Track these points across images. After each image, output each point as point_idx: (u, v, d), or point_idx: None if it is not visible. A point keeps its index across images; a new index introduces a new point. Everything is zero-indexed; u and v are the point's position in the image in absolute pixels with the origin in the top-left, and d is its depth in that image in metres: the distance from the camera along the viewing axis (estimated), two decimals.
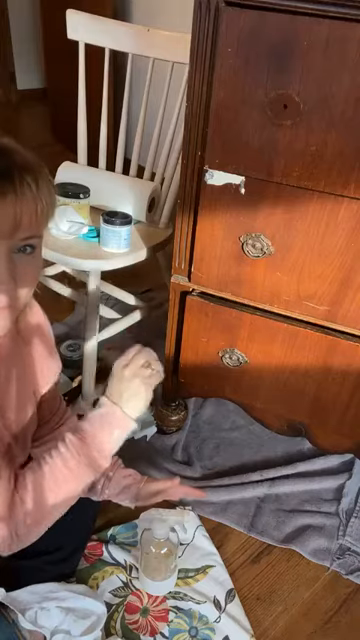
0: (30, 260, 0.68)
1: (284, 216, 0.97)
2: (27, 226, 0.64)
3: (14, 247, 0.65)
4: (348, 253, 0.96)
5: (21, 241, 0.65)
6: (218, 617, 1.07)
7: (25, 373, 0.85)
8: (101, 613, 0.96)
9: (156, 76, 1.40)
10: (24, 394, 0.85)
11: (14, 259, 0.65)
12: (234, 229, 1.02)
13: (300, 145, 0.89)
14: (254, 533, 1.24)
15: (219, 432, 1.49)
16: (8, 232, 0.62)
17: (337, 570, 1.18)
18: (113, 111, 1.97)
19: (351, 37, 0.78)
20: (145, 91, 1.43)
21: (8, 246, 0.64)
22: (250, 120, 0.90)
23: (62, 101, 2.85)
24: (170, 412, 1.41)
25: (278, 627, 1.08)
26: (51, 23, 2.73)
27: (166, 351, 1.27)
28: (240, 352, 1.16)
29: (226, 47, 0.86)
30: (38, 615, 0.91)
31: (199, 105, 0.94)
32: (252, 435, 1.48)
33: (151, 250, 1.37)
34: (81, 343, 1.65)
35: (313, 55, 0.81)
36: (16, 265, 0.66)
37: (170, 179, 1.42)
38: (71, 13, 1.40)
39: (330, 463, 1.39)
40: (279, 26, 0.82)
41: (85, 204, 1.35)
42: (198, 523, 1.23)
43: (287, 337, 1.10)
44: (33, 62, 3.73)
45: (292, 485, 1.33)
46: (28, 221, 0.64)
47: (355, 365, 1.07)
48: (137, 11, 2.41)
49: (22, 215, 0.63)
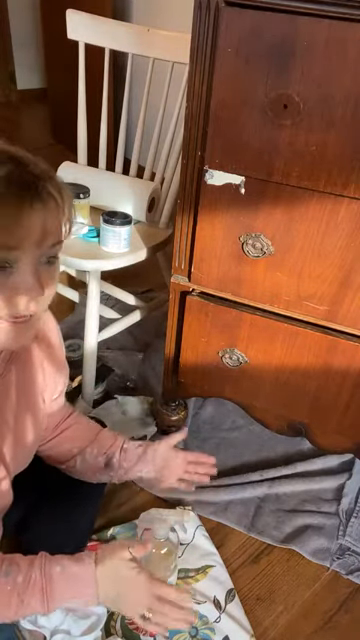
0: (54, 269, 0.69)
1: (284, 216, 0.97)
2: (53, 236, 0.65)
3: (42, 257, 0.66)
4: (348, 253, 0.96)
5: (48, 249, 0.65)
6: (218, 617, 1.07)
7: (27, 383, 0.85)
8: (101, 613, 0.97)
9: (156, 76, 1.40)
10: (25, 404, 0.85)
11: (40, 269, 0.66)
12: (234, 229, 1.02)
13: (300, 145, 0.89)
14: (254, 533, 1.24)
15: (219, 432, 1.49)
16: (37, 241, 0.63)
17: (337, 570, 1.18)
18: (113, 111, 1.98)
19: (351, 37, 0.78)
20: (145, 91, 1.43)
21: (36, 255, 0.64)
22: (250, 120, 0.90)
23: (62, 101, 2.85)
24: (170, 412, 1.41)
25: (278, 627, 1.08)
26: (51, 23, 2.73)
27: (166, 351, 1.27)
28: (240, 352, 1.16)
29: (226, 47, 0.86)
30: (38, 615, 0.91)
31: (199, 105, 0.94)
32: (252, 435, 1.48)
33: (151, 250, 1.37)
34: (81, 343, 1.65)
35: (313, 55, 0.81)
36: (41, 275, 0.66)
37: (170, 179, 1.42)
38: (71, 13, 1.40)
39: (330, 463, 1.39)
40: (279, 26, 0.82)
41: (85, 204, 1.35)
42: (198, 523, 1.23)
43: (287, 337, 1.10)
44: (33, 62, 3.73)
45: (292, 485, 1.33)
46: (54, 231, 0.65)
47: (355, 365, 1.07)
48: (137, 11, 2.41)
49: (49, 225, 0.63)
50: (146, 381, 1.62)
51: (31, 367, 0.85)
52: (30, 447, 0.88)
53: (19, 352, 0.81)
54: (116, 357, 1.69)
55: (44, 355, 0.87)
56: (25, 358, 0.84)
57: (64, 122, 2.83)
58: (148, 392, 1.57)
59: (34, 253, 0.64)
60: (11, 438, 0.81)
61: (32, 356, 0.85)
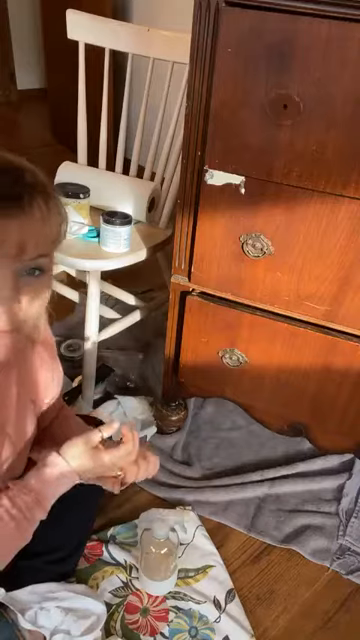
0: (39, 281, 0.67)
1: (284, 216, 0.97)
2: (34, 247, 0.63)
3: (21, 270, 0.64)
4: (348, 253, 0.96)
5: (28, 262, 0.64)
6: (218, 617, 1.07)
7: (26, 381, 0.85)
8: (101, 613, 0.97)
9: (156, 76, 1.40)
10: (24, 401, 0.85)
11: (21, 280, 0.64)
12: (234, 229, 1.02)
13: (300, 145, 0.89)
14: (254, 533, 1.24)
15: (219, 432, 1.49)
16: (13, 254, 0.61)
17: (337, 570, 1.18)
18: (113, 111, 1.97)
19: (351, 37, 0.78)
20: (145, 91, 1.43)
21: (14, 268, 0.63)
22: (250, 120, 0.90)
23: (62, 101, 2.85)
24: (170, 412, 1.41)
25: (278, 627, 1.08)
26: (51, 23, 2.73)
27: (166, 351, 1.27)
28: (240, 352, 1.16)
29: (226, 47, 0.86)
30: (38, 615, 0.91)
31: (199, 105, 0.94)
32: (252, 435, 1.48)
33: (151, 250, 1.37)
34: (81, 343, 1.65)
35: (313, 55, 0.81)
36: (22, 286, 0.65)
37: (170, 179, 1.42)
38: (71, 13, 1.40)
39: (330, 463, 1.39)
40: (279, 26, 0.81)
41: (85, 204, 1.35)
42: (198, 523, 1.23)
43: (287, 337, 1.10)
44: (33, 62, 3.74)
45: (292, 485, 1.33)
46: (34, 244, 0.63)
47: (355, 365, 1.07)
48: (137, 11, 2.41)
49: (28, 238, 0.61)
50: (146, 381, 1.62)
51: (31, 367, 0.85)
52: (28, 447, 0.88)
53: (19, 351, 0.81)
54: (116, 357, 1.69)
55: (43, 353, 0.87)
56: (25, 358, 0.84)
57: (64, 122, 2.83)
58: (148, 392, 1.57)
59: (12, 266, 0.62)
60: (9, 439, 0.81)
61: (32, 354, 0.85)
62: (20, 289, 0.64)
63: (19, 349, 0.80)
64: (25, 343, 0.83)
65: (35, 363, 0.86)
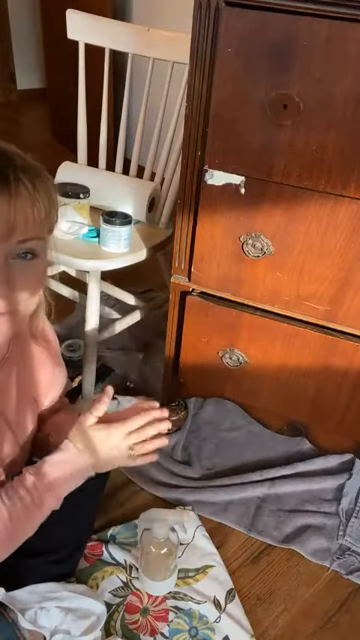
0: (31, 265, 0.67)
1: (284, 216, 0.97)
2: (23, 228, 0.63)
3: (12, 252, 0.64)
4: (348, 253, 0.96)
5: (18, 245, 0.64)
6: (218, 617, 1.07)
7: (26, 378, 0.85)
8: (101, 613, 0.96)
9: (156, 76, 1.40)
10: (24, 398, 0.85)
11: (12, 264, 0.64)
12: (234, 229, 1.02)
13: (300, 145, 0.89)
14: (254, 533, 1.24)
15: (219, 432, 1.49)
16: (3, 234, 0.61)
17: (337, 570, 1.18)
18: (113, 111, 1.98)
19: (351, 37, 0.78)
20: (145, 91, 1.43)
21: (4, 249, 0.63)
22: (250, 120, 0.90)
23: (62, 101, 2.85)
24: (170, 412, 1.41)
25: (278, 627, 1.08)
26: (51, 23, 2.73)
27: (166, 351, 1.27)
28: (240, 352, 1.16)
29: (226, 47, 0.86)
30: (38, 615, 0.91)
31: (199, 105, 0.94)
32: (252, 435, 1.48)
33: (151, 250, 1.37)
34: (81, 343, 1.65)
35: (313, 55, 0.81)
36: (13, 271, 0.64)
37: (170, 179, 1.42)
38: (71, 13, 1.40)
39: (330, 463, 1.39)
40: (279, 26, 0.82)
41: (85, 204, 1.35)
42: (198, 523, 1.23)
43: (287, 337, 1.10)
44: (33, 62, 3.73)
45: (292, 485, 1.33)
46: (24, 222, 0.63)
47: (355, 365, 1.07)
48: (137, 11, 2.41)
49: (16, 215, 0.61)
50: (146, 381, 1.62)
51: (31, 363, 0.85)
52: (29, 443, 0.88)
53: (19, 348, 0.81)
54: (116, 357, 1.69)
55: (42, 351, 0.87)
56: (25, 354, 0.84)
57: (64, 122, 2.83)
58: (148, 392, 1.57)
59: (3, 248, 0.62)
60: (11, 435, 0.81)
61: (32, 352, 0.85)
62: (11, 272, 0.64)
63: (18, 341, 0.80)
64: (24, 337, 0.83)
65: (36, 362, 0.86)
